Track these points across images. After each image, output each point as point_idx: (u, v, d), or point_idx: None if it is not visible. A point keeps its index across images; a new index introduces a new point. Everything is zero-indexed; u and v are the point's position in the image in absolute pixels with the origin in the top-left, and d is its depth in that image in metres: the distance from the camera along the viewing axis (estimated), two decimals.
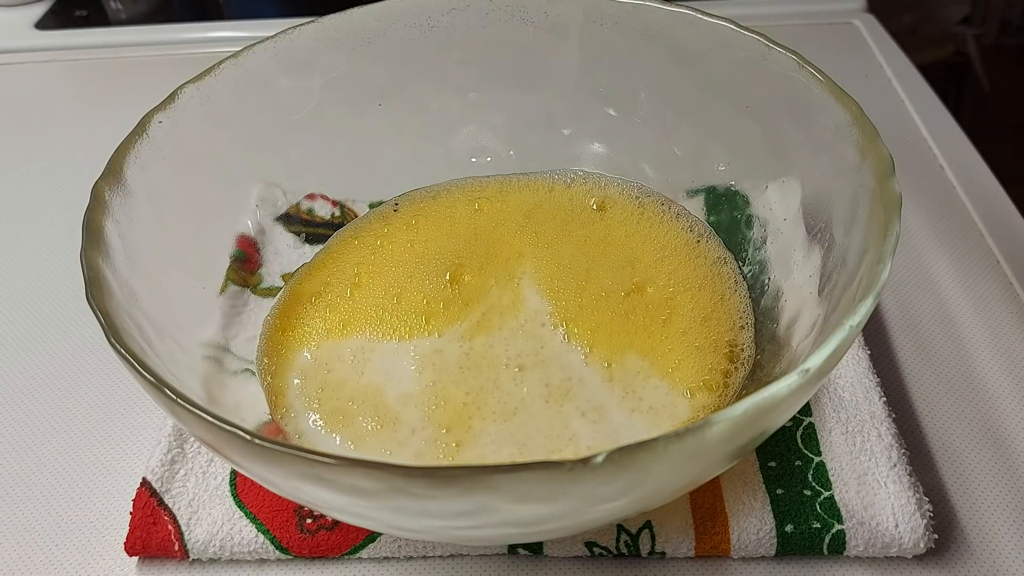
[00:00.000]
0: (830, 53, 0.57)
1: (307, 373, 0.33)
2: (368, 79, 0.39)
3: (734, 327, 0.33)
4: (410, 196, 0.40)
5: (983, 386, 0.35)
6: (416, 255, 0.37)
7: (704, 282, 0.35)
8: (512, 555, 0.30)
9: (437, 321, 0.34)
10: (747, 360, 0.32)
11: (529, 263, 0.36)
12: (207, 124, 0.34)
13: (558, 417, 0.31)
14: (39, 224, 0.47)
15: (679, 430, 0.20)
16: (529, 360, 0.33)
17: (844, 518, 0.29)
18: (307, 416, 0.32)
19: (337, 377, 0.33)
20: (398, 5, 0.38)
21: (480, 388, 0.32)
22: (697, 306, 0.34)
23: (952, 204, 0.45)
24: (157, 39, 0.64)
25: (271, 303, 0.36)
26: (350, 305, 0.35)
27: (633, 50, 0.37)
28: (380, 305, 0.35)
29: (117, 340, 0.23)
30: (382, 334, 0.34)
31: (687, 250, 0.37)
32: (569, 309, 0.34)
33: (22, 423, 0.36)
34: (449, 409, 0.31)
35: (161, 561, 0.31)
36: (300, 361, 0.33)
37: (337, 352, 0.34)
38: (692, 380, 0.32)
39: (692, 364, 0.32)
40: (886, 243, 0.24)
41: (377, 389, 0.32)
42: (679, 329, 0.33)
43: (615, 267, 0.36)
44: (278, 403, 0.32)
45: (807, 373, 0.21)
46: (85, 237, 0.27)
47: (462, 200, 0.40)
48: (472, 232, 0.38)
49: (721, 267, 0.36)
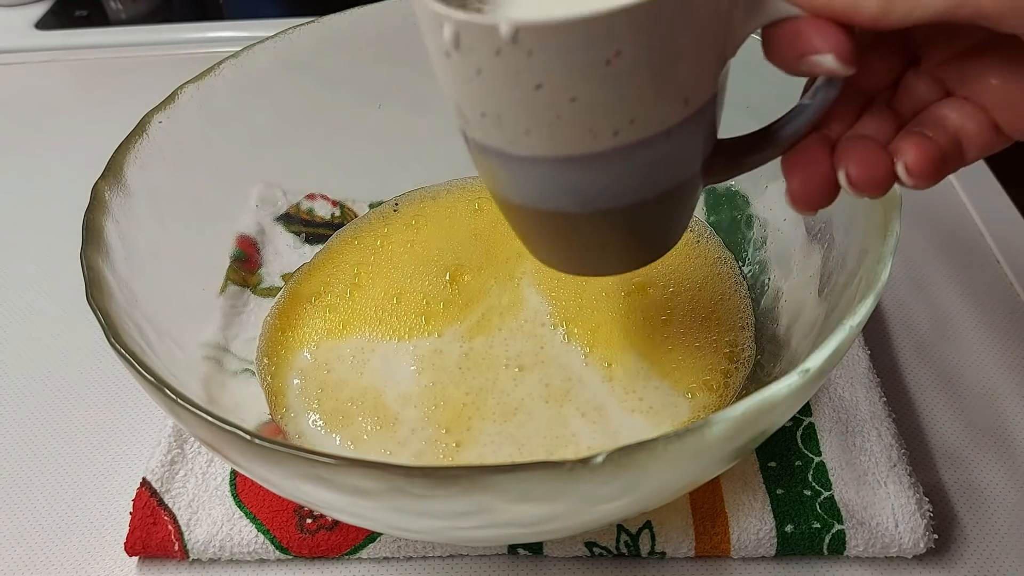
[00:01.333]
0: None
1: (307, 373, 0.33)
2: (368, 79, 0.39)
3: (734, 327, 0.33)
4: (410, 196, 0.40)
5: (983, 386, 0.35)
6: (416, 255, 0.37)
7: (704, 282, 0.35)
8: (512, 555, 0.30)
9: (437, 321, 0.34)
10: (747, 360, 0.32)
11: (529, 263, 0.36)
12: (207, 124, 0.34)
13: (558, 417, 0.31)
14: (39, 224, 0.47)
15: (679, 430, 0.20)
16: (529, 360, 0.33)
17: (844, 518, 0.29)
18: (307, 416, 0.32)
19: (337, 377, 0.33)
20: (398, 5, 0.38)
21: (480, 388, 0.32)
22: (697, 306, 0.34)
23: (952, 204, 0.45)
24: (157, 39, 0.64)
25: (271, 303, 0.36)
26: (350, 305, 0.35)
27: None
28: (380, 305, 0.35)
29: (117, 340, 0.23)
30: (382, 334, 0.34)
31: (687, 250, 0.37)
32: (569, 309, 0.34)
33: (22, 423, 0.36)
34: (449, 409, 0.31)
35: (161, 561, 0.31)
36: (300, 361, 0.33)
37: (337, 352, 0.34)
38: (692, 380, 0.32)
39: (692, 364, 0.32)
40: (886, 243, 0.24)
41: (376, 390, 0.32)
42: (679, 329, 0.33)
43: None
44: (278, 403, 0.32)
45: (807, 373, 0.21)
46: (85, 237, 0.27)
47: (462, 200, 0.40)
48: (472, 232, 0.38)
49: (721, 267, 0.36)
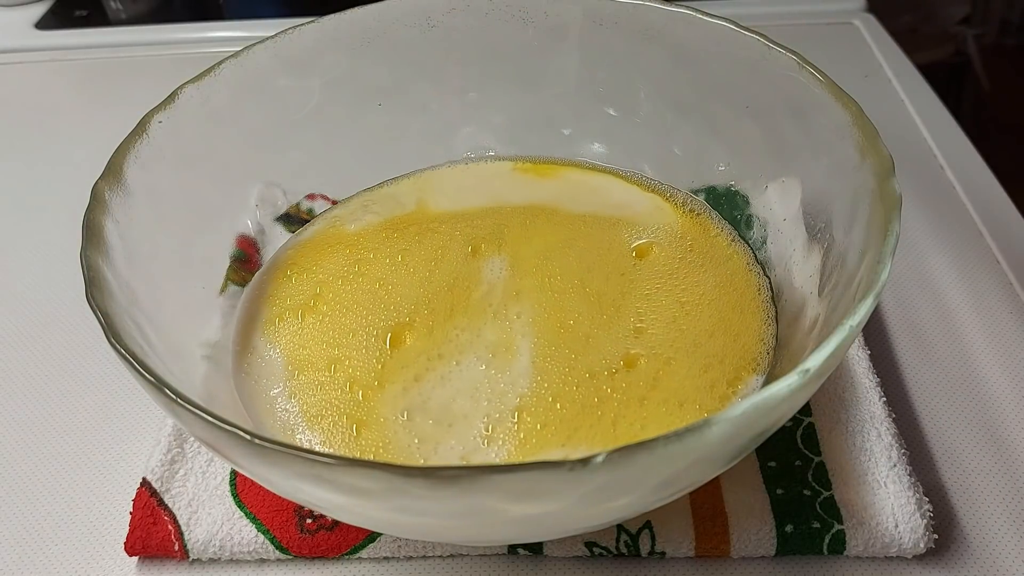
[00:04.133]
0: (830, 53, 0.57)
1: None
2: (368, 79, 0.39)
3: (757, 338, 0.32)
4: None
5: (983, 386, 0.35)
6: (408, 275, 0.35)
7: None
8: (512, 555, 0.30)
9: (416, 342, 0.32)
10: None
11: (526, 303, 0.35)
12: (207, 124, 0.34)
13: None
14: (39, 224, 0.47)
15: (679, 430, 0.20)
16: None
17: (844, 518, 0.29)
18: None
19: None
20: (398, 5, 0.38)
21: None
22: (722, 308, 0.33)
23: (952, 204, 0.45)
24: (157, 39, 0.64)
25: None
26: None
27: (633, 50, 0.37)
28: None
29: (117, 340, 0.23)
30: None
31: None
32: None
33: (22, 423, 0.36)
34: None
35: (161, 561, 0.31)
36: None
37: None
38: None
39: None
40: (886, 243, 0.24)
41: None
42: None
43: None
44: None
45: (807, 373, 0.21)
46: (85, 237, 0.27)
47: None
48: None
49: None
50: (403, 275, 0.35)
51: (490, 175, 0.40)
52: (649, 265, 0.35)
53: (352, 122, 0.39)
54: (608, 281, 0.34)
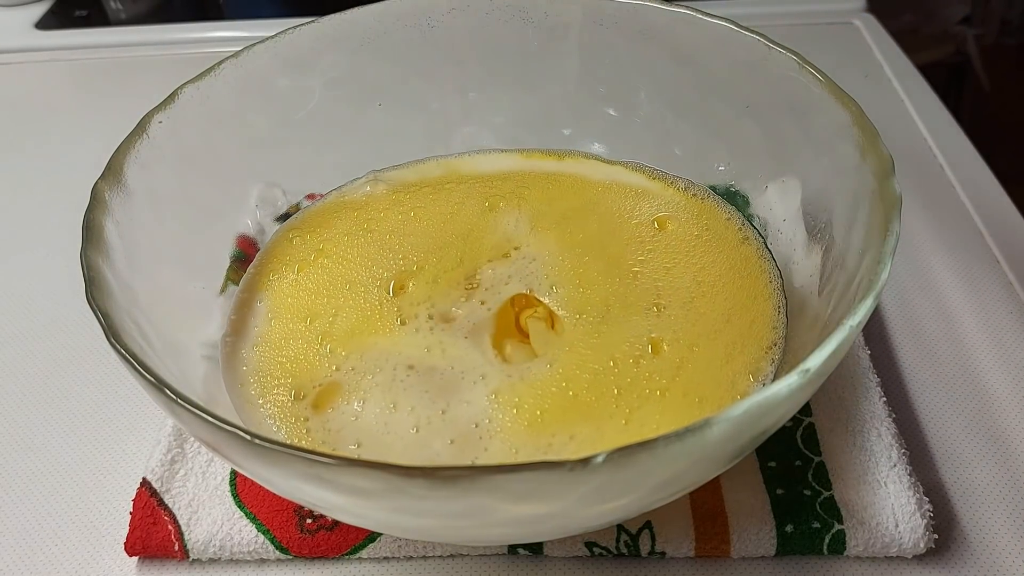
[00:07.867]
0: (830, 53, 0.57)
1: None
2: (368, 79, 0.39)
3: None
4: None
5: (983, 386, 0.35)
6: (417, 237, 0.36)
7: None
8: (512, 555, 0.30)
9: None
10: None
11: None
12: (207, 124, 0.34)
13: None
14: (39, 224, 0.47)
15: (679, 430, 0.20)
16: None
17: (844, 518, 0.29)
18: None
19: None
20: (398, 5, 0.38)
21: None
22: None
23: (952, 204, 0.45)
24: (157, 39, 0.64)
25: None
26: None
27: (633, 50, 0.37)
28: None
29: (117, 340, 0.23)
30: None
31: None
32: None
33: (22, 423, 0.36)
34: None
35: (161, 561, 0.31)
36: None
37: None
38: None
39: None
40: (886, 243, 0.24)
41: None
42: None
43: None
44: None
45: (807, 373, 0.21)
46: (85, 237, 0.27)
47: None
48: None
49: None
50: (415, 227, 0.35)
51: (502, 158, 0.40)
52: (667, 237, 0.35)
53: (352, 122, 0.39)
54: (628, 248, 0.34)
